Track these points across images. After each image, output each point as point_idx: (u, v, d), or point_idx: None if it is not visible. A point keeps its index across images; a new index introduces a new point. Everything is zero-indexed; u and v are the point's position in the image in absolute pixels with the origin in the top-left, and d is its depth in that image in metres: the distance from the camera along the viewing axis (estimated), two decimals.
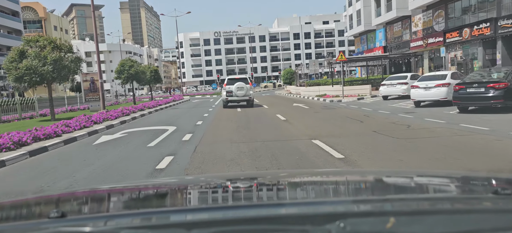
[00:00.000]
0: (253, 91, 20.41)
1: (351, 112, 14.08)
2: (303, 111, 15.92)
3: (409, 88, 16.44)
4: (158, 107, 22.47)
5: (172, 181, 2.19)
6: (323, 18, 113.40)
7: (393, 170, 4.07)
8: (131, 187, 1.84)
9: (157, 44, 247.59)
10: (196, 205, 1.40)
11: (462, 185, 1.51)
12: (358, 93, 22.13)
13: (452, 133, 8.28)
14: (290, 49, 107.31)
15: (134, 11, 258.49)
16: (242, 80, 20.25)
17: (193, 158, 6.90)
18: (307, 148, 7.40)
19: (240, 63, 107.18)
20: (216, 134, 10.35)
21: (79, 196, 1.61)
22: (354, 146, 7.29)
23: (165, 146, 8.55)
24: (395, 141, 7.75)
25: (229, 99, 19.96)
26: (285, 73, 48.26)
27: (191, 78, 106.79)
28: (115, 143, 9.72)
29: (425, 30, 33.72)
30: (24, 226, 1.01)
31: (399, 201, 1.12)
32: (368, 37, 47.98)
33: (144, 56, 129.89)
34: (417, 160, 5.98)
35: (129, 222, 0.96)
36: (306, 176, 1.98)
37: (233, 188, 1.59)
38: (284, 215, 1.00)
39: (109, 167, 6.70)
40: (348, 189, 1.55)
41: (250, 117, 14.92)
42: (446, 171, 4.11)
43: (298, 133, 9.80)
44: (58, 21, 67.54)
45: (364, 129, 9.80)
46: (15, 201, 1.55)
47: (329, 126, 10.78)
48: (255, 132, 10.24)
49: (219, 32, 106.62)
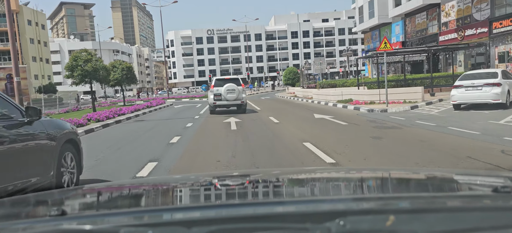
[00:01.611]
0: (246, 94, 17.56)
1: (442, 139, 7.80)
2: (345, 132, 9.54)
3: (505, 92, 10.76)
4: (115, 118, 16.13)
5: (172, 179, 2.19)
6: (323, 16, 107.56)
7: (393, 168, 4.10)
8: (132, 184, 1.96)
9: (150, 44, 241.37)
10: (196, 202, 1.38)
11: (462, 183, 1.49)
12: (404, 98, 15.92)
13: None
14: (288, 48, 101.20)
15: (125, 10, 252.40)
16: (232, 81, 17.24)
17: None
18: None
19: (235, 63, 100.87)
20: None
21: (80, 194, 1.61)
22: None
23: None
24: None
25: (217, 103, 16.89)
26: (287, 73, 41.70)
27: (183, 79, 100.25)
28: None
29: (460, 20, 27.75)
30: (25, 223, 1.01)
31: (399, 199, 1.12)
32: (381, 32, 41.94)
33: (133, 55, 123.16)
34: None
35: (129, 220, 0.96)
36: (306, 174, 1.97)
37: (234, 186, 1.58)
38: (284, 213, 1.00)
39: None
40: (348, 187, 1.53)
41: (253, 142, 8.72)
42: (446, 169, 4.22)
43: None
44: (33, 15, 60.76)
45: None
46: (16, 198, 1.57)
47: None
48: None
49: (212, 30, 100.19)
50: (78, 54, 17.44)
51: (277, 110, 18.27)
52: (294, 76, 40.54)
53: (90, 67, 17.22)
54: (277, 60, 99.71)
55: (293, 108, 18.80)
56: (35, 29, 61.50)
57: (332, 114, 13.95)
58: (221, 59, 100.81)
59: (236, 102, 16.83)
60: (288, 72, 41.51)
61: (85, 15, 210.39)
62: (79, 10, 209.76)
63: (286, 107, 20.30)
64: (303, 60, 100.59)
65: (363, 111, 14.94)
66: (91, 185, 2.15)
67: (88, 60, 17.35)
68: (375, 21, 40.39)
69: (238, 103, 16.90)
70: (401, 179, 1.64)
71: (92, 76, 17.66)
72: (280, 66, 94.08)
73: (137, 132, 11.99)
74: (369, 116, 13.19)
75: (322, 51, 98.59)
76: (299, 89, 31.66)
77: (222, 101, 16.73)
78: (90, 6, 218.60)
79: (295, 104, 22.88)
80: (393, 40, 39.54)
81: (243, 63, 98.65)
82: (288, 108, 19.03)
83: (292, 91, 37.32)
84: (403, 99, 15.74)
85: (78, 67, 17.14)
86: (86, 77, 17.50)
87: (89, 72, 17.29)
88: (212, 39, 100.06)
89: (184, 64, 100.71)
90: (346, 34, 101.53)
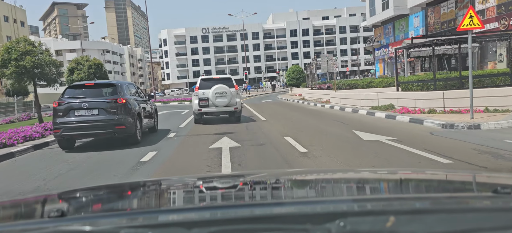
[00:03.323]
0: (240, 99, 13.86)
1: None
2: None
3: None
4: (44, 139, 10.45)
5: (171, 180, 2.10)
6: (323, 14, 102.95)
7: (393, 169, 3.96)
8: (131, 185, 1.85)
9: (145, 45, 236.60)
10: (196, 204, 1.36)
11: (462, 184, 1.49)
12: (485, 105, 10.80)
13: None
14: (287, 47, 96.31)
15: (119, 10, 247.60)
16: (223, 81, 13.49)
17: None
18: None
19: (231, 63, 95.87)
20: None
21: (79, 195, 1.57)
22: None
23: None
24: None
25: (203, 111, 13.25)
26: (291, 72, 36.37)
27: (176, 80, 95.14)
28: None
29: (502, 7, 23.03)
30: (24, 225, 1.00)
31: (399, 200, 1.12)
32: (396, 26, 37.18)
33: (125, 55, 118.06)
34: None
35: (128, 221, 0.95)
36: (307, 175, 1.94)
37: (234, 187, 1.57)
38: (284, 214, 0.99)
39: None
40: (348, 188, 1.51)
41: None
42: (446, 170, 4.09)
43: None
44: (10, 10, 55.57)
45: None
46: (15, 200, 1.56)
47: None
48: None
49: (207, 29, 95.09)
50: (12, 44, 12.45)
51: (291, 121, 13.28)
52: (298, 75, 35.42)
53: (29, 62, 12.25)
54: (276, 60, 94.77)
55: (315, 120, 13.62)
56: (13, 26, 56.36)
57: (387, 134, 8.72)
58: (216, 59, 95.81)
59: (228, 109, 13.25)
60: (292, 71, 36.23)
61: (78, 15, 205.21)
62: (72, 11, 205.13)
63: (302, 116, 15.16)
64: (302, 60, 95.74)
65: (435, 126, 9.71)
66: (90, 187, 1.91)
67: (26, 52, 12.38)
68: (390, 13, 35.60)
69: (231, 110, 13.33)
70: (401, 180, 1.62)
71: (33, 75, 12.70)
72: (279, 66, 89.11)
73: (40, 177, 6.61)
74: (466, 139, 7.82)
75: (322, 51, 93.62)
76: (307, 90, 26.71)
77: (210, 108, 13.11)
78: (83, 6, 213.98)
79: (311, 111, 17.61)
80: (410, 34, 34.78)
81: (240, 63, 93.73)
82: (307, 119, 13.89)
83: (297, 92, 32.31)
84: (484, 107, 10.76)
85: (10, 63, 12.19)
86: (24, 75, 12.52)
87: (27, 69, 12.31)
88: (207, 38, 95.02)
89: (177, 64, 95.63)
90: (348, 32, 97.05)
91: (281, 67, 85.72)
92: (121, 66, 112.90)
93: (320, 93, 22.01)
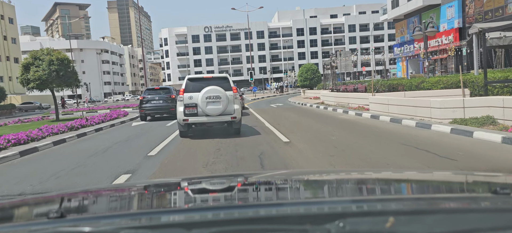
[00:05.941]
0: (239, 105, 10.45)
1: None
2: None
3: None
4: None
5: (171, 181, 2.08)
6: (331, 12, 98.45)
7: (393, 170, 3.94)
8: (131, 187, 1.83)
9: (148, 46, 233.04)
10: (195, 204, 1.36)
11: (461, 185, 1.48)
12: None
13: None
14: (293, 47, 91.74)
15: (122, 10, 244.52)
16: (217, 82, 10.18)
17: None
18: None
19: (235, 63, 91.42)
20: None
21: (78, 196, 1.57)
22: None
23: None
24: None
25: (190, 121, 9.93)
26: (304, 71, 31.52)
27: (178, 81, 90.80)
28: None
29: None
30: (23, 226, 1.00)
31: (398, 201, 1.12)
32: (422, 18, 32.52)
33: (125, 56, 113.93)
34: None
35: (128, 222, 0.95)
36: (306, 175, 1.91)
37: (234, 187, 1.56)
38: (284, 215, 0.99)
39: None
40: (348, 189, 1.51)
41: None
42: (446, 171, 4.04)
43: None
44: None
45: None
46: (14, 201, 1.55)
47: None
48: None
49: (210, 27, 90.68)
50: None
51: (332, 146, 8.42)
52: (312, 75, 30.72)
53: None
54: (281, 60, 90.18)
55: (368, 142, 8.40)
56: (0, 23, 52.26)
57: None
58: (219, 59, 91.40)
59: (223, 118, 10.01)
60: (305, 70, 31.47)
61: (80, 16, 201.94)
62: (74, 11, 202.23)
63: (342, 133, 10.00)
64: (310, 60, 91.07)
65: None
66: (90, 188, 2.01)
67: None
68: (418, 3, 31.01)
69: (227, 120, 10.10)
70: (401, 181, 1.62)
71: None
72: (284, 67, 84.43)
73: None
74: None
75: (330, 50, 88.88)
76: (326, 93, 22.08)
77: (199, 117, 9.91)
78: (86, 7, 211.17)
79: (348, 124, 12.01)
80: (442, 28, 30.14)
81: (244, 63, 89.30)
82: (357, 141, 8.62)
83: (312, 95, 27.69)
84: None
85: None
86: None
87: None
88: (210, 37, 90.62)
89: (179, 64, 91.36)
90: (357, 31, 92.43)
91: (287, 68, 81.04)
92: (121, 66, 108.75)
93: (347, 96, 17.40)
